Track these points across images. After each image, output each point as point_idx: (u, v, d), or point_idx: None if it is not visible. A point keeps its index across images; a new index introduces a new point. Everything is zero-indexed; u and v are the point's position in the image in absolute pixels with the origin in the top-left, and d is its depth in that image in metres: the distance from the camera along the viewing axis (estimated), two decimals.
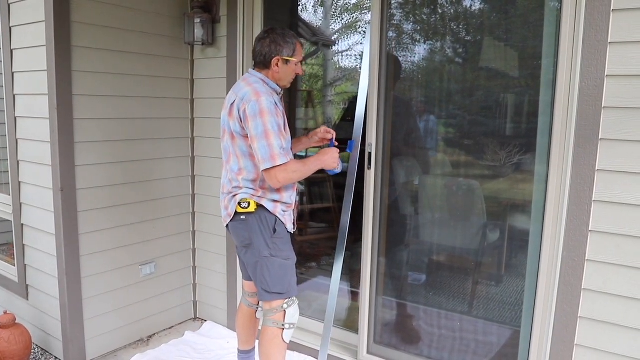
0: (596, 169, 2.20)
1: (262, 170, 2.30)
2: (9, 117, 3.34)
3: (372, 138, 2.86)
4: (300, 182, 4.43)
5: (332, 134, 2.69)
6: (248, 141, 2.34)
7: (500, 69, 2.71)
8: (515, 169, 2.64)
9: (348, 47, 4.08)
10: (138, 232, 3.45)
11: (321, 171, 2.56)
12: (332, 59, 4.37)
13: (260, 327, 2.63)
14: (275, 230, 2.46)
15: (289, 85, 2.57)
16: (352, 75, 4.26)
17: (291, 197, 2.54)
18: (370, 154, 2.87)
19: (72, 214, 3.05)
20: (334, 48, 4.33)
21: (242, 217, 2.44)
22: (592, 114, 2.18)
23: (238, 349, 2.89)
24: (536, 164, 2.49)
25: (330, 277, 2.91)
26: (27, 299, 3.49)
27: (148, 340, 3.60)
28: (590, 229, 2.25)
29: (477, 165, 2.81)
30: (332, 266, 2.90)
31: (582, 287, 2.29)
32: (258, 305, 2.78)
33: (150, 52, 3.38)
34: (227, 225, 2.56)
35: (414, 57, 2.90)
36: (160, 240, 3.61)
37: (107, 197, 3.24)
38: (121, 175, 3.30)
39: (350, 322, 3.31)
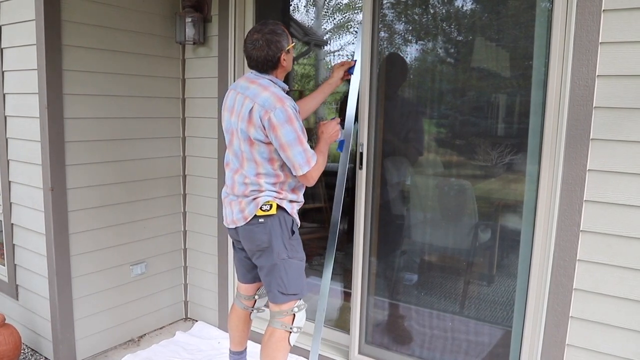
0: (587, 169, 2.21)
1: (300, 175, 2.32)
2: None
3: (363, 138, 2.86)
4: None
5: (348, 63, 2.70)
6: (270, 147, 2.31)
7: (491, 69, 2.72)
8: (507, 169, 2.65)
9: (340, 47, 4.08)
10: (129, 232, 3.44)
11: None
12: (324, 58, 4.36)
13: (250, 324, 2.60)
14: (293, 232, 2.46)
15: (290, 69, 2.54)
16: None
17: (302, 194, 2.54)
18: (361, 153, 2.86)
19: (62, 214, 3.03)
20: (326, 48, 4.31)
21: (260, 219, 2.38)
22: (583, 114, 2.19)
23: (230, 350, 2.88)
24: (527, 164, 2.49)
25: (321, 277, 2.91)
26: (17, 299, 3.46)
27: (139, 340, 3.57)
28: (581, 229, 2.25)
29: (468, 165, 2.81)
30: (323, 266, 2.89)
31: (574, 287, 2.30)
32: (253, 307, 2.77)
33: (142, 51, 3.36)
34: (235, 228, 2.50)
35: (406, 57, 2.90)
36: (151, 240, 3.59)
37: (98, 197, 3.22)
38: (112, 175, 3.28)
39: (341, 322, 3.31)
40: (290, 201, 2.45)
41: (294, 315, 2.49)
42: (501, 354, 2.71)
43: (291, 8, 3.91)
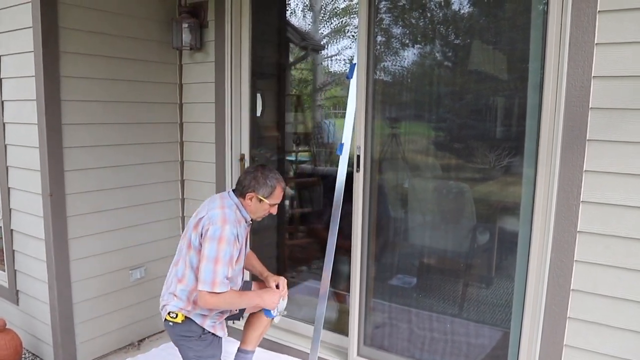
0: (584, 169, 2.21)
1: (198, 289, 2.35)
2: None
3: (360, 141, 2.86)
4: (290, 187, 4.44)
5: (284, 292, 2.73)
6: (199, 257, 2.41)
7: (488, 72, 2.73)
8: (505, 171, 2.66)
9: (337, 51, 4.09)
10: (127, 237, 3.44)
11: (312, 174, 2.54)
12: (322, 63, 4.37)
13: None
14: (201, 336, 2.53)
15: (259, 219, 2.63)
16: (341, 79, 4.27)
17: (223, 310, 2.58)
18: (358, 156, 2.87)
19: (61, 219, 3.03)
20: (323, 52, 4.33)
21: (170, 323, 2.50)
22: (580, 115, 2.19)
23: (239, 348, 2.89)
24: (524, 167, 2.50)
25: (320, 280, 2.91)
26: (18, 304, 3.47)
27: (139, 344, 3.58)
28: (578, 229, 2.26)
29: (466, 168, 2.82)
30: (321, 270, 2.90)
31: (571, 288, 2.30)
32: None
33: (139, 57, 3.38)
34: None
35: (403, 61, 2.91)
36: (149, 244, 3.59)
37: (97, 202, 3.22)
38: (110, 180, 3.29)
39: (340, 325, 3.31)
40: (202, 315, 2.52)
41: None
42: (500, 355, 2.71)
43: (288, 13, 3.92)
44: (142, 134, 3.46)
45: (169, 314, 2.48)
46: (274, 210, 2.59)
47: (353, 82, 2.83)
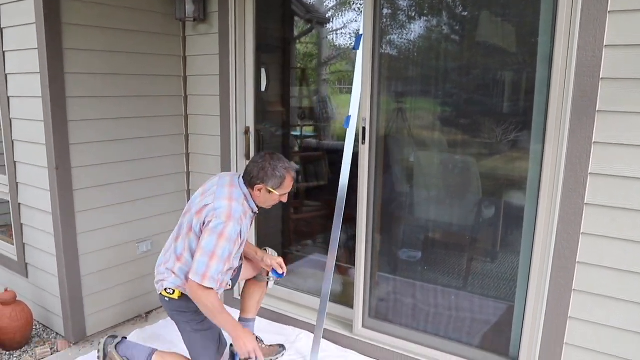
0: (593, 141, 2.19)
1: (189, 276, 2.32)
2: (1, 97, 3.31)
3: (366, 113, 2.84)
4: (295, 161, 4.43)
5: (284, 269, 2.77)
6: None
7: (497, 45, 2.67)
8: (512, 146, 2.63)
9: (343, 24, 4.03)
10: (134, 210, 3.46)
11: (317, 149, 2.46)
12: (327, 37, 4.31)
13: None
14: (197, 311, 2.48)
15: (269, 207, 2.58)
16: (346, 53, 4.22)
17: (219, 290, 2.51)
18: (364, 128, 2.85)
19: (67, 192, 3.04)
20: (329, 26, 4.26)
21: (166, 298, 2.50)
22: (590, 85, 2.16)
23: (240, 317, 2.93)
24: (532, 140, 2.47)
25: (326, 254, 2.92)
26: (27, 277, 3.51)
27: (146, 316, 3.63)
28: (585, 202, 2.25)
29: (473, 143, 2.80)
30: (327, 243, 2.90)
31: (577, 261, 2.30)
32: (268, 276, 2.85)
33: (141, 28, 3.34)
34: None
35: (409, 34, 2.86)
36: (156, 217, 3.61)
37: (103, 175, 3.23)
38: (116, 153, 3.29)
39: (345, 298, 3.33)
40: None
41: None
42: (504, 328, 2.73)
43: None
44: (147, 107, 3.44)
45: (165, 289, 2.47)
46: (285, 199, 2.56)
47: (359, 54, 2.79)
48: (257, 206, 2.52)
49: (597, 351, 2.32)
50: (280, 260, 2.79)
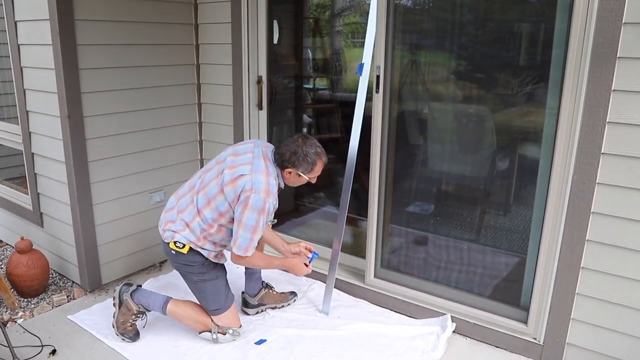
0: (612, 89, 2.13)
1: (232, 251, 2.46)
2: (12, 45, 3.28)
3: (380, 61, 2.78)
4: (307, 115, 4.40)
5: (313, 249, 2.88)
6: (230, 208, 2.44)
7: None
8: (528, 98, 2.58)
9: None
10: (147, 160, 3.47)
11: (330, 101, 2.41)
12: None
13: None
14: (203, 264, 2.60)
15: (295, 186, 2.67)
16: (360, 5, 4.12)
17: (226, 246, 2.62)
18: (378, 77, 2.80)
19: (80, 142, 3.05)
20: None
21: (172, 251, 2.55)
22: (611, 30, 2.09)
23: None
24: (549, 88, 2.42)
25: (338, 205, 2.93)
26: (42, 227, 3.56)
27: (160, 265, 3.69)
28: (602, 151, 2.21)
29: (488, 95, 2.74)
30: (339, 194, 2.90)
31: (591, 211, 2.29)
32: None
33: None
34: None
35: None
36: (169, 168, 3.63)
37: (115, 125, 3.23)
38: (128, 103, 3.28)
39: (357, 248, 3.36)
40: (208, 250, 2.58)
41: (225, 332, 2.69)
42: (515, 279, 2.74)
43: None
44: (159, 55, 3.41)
45: (175, 243, 2.51)
46: (314, 181, 2.60)
47: (373, 2, 2.70)
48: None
49: (608, 301, 2.33)
50: (305, 243, 2.90)
